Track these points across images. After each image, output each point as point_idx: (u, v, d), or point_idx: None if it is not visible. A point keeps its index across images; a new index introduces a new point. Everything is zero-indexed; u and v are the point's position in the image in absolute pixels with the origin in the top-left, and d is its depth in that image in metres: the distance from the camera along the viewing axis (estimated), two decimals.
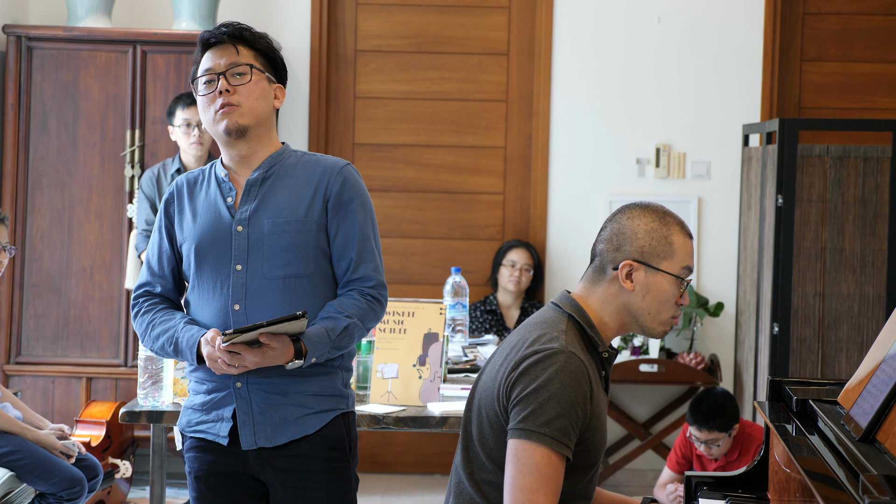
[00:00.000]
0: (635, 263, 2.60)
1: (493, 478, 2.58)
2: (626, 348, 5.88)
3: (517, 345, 2.58)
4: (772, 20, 6.07)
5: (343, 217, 2.95)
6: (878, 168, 5.34)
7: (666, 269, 2.60)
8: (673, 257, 2.61)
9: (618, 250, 2.62)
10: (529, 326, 2.62)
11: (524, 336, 2.59)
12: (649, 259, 2.60)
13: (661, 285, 2.61)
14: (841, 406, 2.69)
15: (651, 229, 2.61)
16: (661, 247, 2.61)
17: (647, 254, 2.60)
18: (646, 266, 2.60)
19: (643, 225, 2.62)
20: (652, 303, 2.61)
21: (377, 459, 6.19)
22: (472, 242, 6.24)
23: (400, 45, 6.20)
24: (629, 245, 2.61)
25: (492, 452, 2.58)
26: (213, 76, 2.93)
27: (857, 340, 5.36)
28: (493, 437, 2.57)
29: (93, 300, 5.62)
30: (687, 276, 2.64)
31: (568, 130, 6.13)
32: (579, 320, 2.61)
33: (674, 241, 2.62)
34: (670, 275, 2.60)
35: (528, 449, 2.47)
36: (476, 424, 2.62)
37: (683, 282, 2.63)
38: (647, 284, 2.60)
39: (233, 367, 2.83)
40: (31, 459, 4.25)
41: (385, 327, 3.80)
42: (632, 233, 2.61)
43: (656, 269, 2.60)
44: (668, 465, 5.06)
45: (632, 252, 2.61)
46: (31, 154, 5.59)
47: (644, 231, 2.61)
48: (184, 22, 5.72)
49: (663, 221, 2.63)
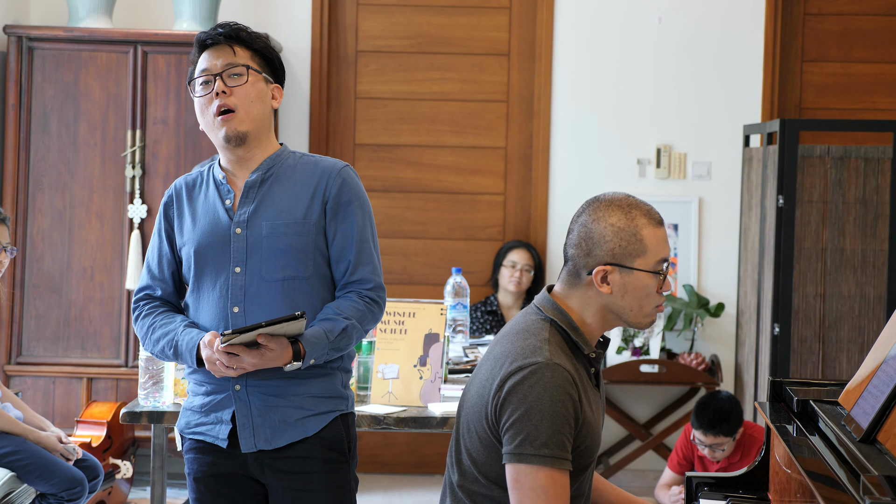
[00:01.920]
0: (608, 267, 2.53)
1: (486, 491, 2.57)
2: (626, 349, 5.88)
3: (501, 358, 2.54)
4: (772, 21, 6.07)
5: (341, 219, 2.95)
6: (879, 169, 5.34)
7: (640, 266, 2.53)
8: (646, 253, 2.54)
9: (588, 255, 2.54)
10: (512, 335, 2.57)
11: (507, 348, 2.54)
12: (622, 260, 2.53)
13: (638, 283, 2.54)
14: (842, 407, 2.69)
15: (618, 229, 2.53)
16: (632, 245, 2.53)
17: (619, 255, 2.53)
18: (620, 267, 2.53)
19: (609, 226, 2.54)
20: (632, 300, 2.55)
21: (378, 460, 6.19)
22: (472, 243, 6.24)
23: (401, 46, 6.20)
24: (599, 249, 2.54)
25: (483, 468, 2.56)
26: (210, 77, 2.92)
27: (857, 341, 5.36)
28: (485, 452, 2.55)
29: (93, 300, 5.62)
30: (664, 267, 2.56)
31: (569, 131, 6.12)
32: (562, 325, 2.56)
33: (644, 237, 2.54)
34: (646, 271, 2.54)
35: (531, 473, 2.45)
36: (466, 439, 2.60)
37: (660, 274, 2.56)
38: (625, 284, 2.54)
39: (231, 370, 2.83)
40: (32, 460, 4.25)
41: (386, 328, 3.80)
42: (599, 236, 2.54)
43: (631, 268, 2.53)
44: (669, 465, 5.06)
45: (603, 256, 2.53)
46: (32, 154, 5.59)
47: (612, 232, 2.53)
48: (185, 22, 5.72)
49: (629, 217, 2.54)
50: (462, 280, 4.80)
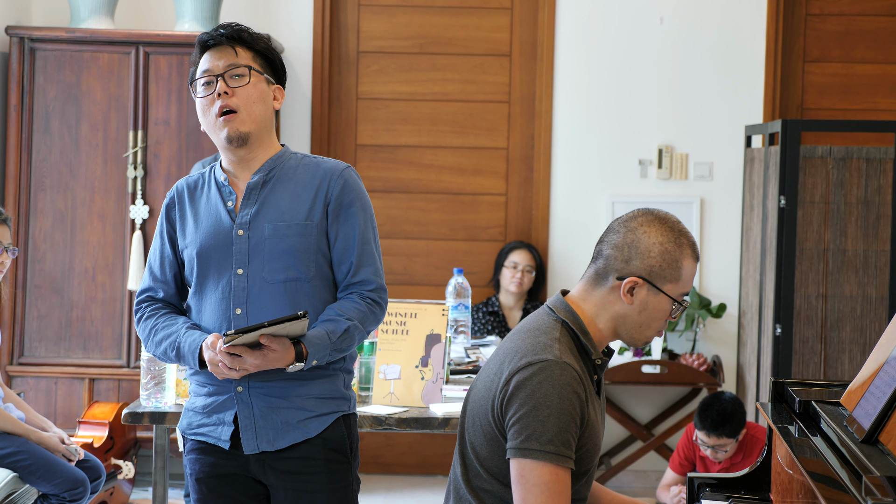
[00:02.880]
0: (641, 280, 2.57)
1: (488, 486, 2.58)
2: (628, 349, 5.88)
3: (510, 353, 2.56)
4: (774, 21, 6.06)
5: (343, 220, 2.95)
6: (881, 169, 5.34)
7: (669, 291, 2.58)
8: (678, 281, 2.59)
9: (627, 262, 2.57)
10: (523, 333, 2.60)
11: (517, 344, 2.57)
12: (656, 279, 2.57)
13: (659, 305, 2.58)
14: (844, 407, 2.69)
15: (665, 250, 2.57)
16: (671, 270, 2.57)
17: (656, 274, 2.57)
18: (650, 285, 2.57)
19: (658, 244, 2.57)
20: (646, 319, 2.59)
21: (379, 461, 6.19)
22: (474, 244, 6.24)
23: (402, 47, 6.20)
24: (640, 261, 2.57)
25: (486, 462, 2.58)
26: (212, 77, 2.92)
27: (859, 342, 5.36)
28: (488, 447, 2.57)
29: (95, 301, 5.62)
30: (685, 301, 2.62)
31: (570, 131, 6.12)
32: (573, 327, 2.59)
33: (683, 266, 2.58)
34: (671, 298, 2.58)
35: (536, 468, 2.46)
36: (470, 433, 2.62)
37: (680, 306, 2.60)
38: (646, 302, 2.58)
39: (234, 371, 2.83)
40: (35, 460, 4.25)
41: (387, 328, 3.80)
42: (646, 249, 2.57)
43: (659, 290, 2.57)
44: (670, 466, 5.05)
45: (641, 269, 2.57)
46: (34, 155, 5.60)
47: (658, 251, 2.57)
48: (186, 23, 5.72)
49: (678, 243, 2.59)
50: (463, 281, 4.80)
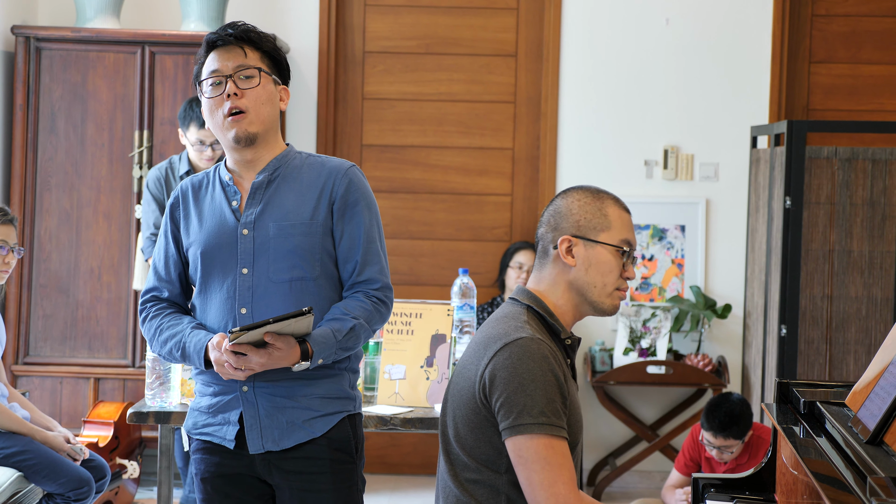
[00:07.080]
0: (573, 238, 2.65)
1: (476, 476, 2.60)
2: (633, 350, 5.87)
3: (484, 342, 2.61)
4: (780, 22, 6.06)
5: (348, 219, 2.95)
6: (887, 170, 5.33)
7: (604, 240, 2.65)
8: (610, 228, 2.66)
9: (555, 229, 2.67)
10: (492, 323, 2.66)
11: (489, 332, 2.62)
12: (586, 232, 2.65)
13: (602, 257, 2.65)
14: (849, 408, 2.69)
15: (584, 203, 2.67)
16: (597, 219, 2.66)
17: (584, 227, 2.65)
18: (584, 240, 2.65)
19: (576, 201, 2.68)
20: (595, 275, 2.65)
21: (385, 460, 6.20)
22: (479, 244, 6.24)
23: (408, 47, 6.20)
24: (565, 222, 2.66)
25: (472, 451, 2.60)
26: (221, 78, 2.92)
27: (864, 343, 5.36)
28: (472, 434, 2.59)
29: (101, 301, 5.63)
30: (628, 247, 2.68)
31: (576, 132, 6.12)
32: (538, 310, 2.65)
33: (609, 213, 2.67)
34: (610, 245, 2.65)
35: (532, 444, 2.49)
36: (452, 427, 2.64)
37: (626, 254, 2.67)
38: (588, 258, 2.65)
39: (240, 372, 2.83)
40: (39, 460, 4.26)
41: (393, 328, 3.80)
42: (566, 210, 2.67)
43: (595, 241, 2.65)
44: (675, 466, 5.05)
45: (568, 228, 2.66)
46: (40, 155, 5.60)
47: (578, 206, 2.67)
48: (192, 23, 5.73)
49: (597, 196, 2.69)
50: (469, 281, 4.79)
